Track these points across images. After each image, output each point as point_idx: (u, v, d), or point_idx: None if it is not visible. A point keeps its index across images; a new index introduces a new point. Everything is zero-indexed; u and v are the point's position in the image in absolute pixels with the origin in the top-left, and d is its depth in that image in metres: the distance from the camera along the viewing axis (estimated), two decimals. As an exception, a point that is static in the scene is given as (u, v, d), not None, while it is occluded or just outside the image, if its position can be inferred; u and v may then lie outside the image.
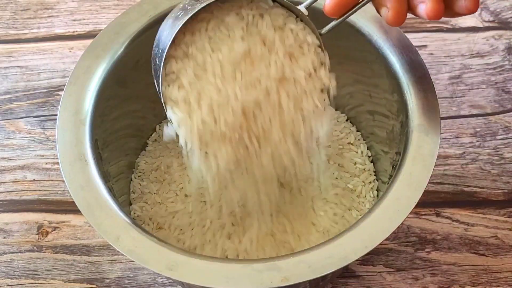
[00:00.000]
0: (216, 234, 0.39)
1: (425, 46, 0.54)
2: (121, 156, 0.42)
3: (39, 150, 0.50)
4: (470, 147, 0.49)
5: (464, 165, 0.48)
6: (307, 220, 0.39)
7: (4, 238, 0.45)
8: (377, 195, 0.42)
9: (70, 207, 0.47)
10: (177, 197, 0.41)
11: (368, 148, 0.44)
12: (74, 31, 0.58)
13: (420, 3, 0.30)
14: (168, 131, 0.33)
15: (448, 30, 0.55)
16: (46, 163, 0.49)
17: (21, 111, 0.52)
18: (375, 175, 0.43)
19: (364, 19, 0.38)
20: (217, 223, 0.39)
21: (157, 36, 0.32)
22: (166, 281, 0.43)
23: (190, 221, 0.40)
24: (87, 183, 0.33)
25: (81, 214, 0.32)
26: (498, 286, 0.42)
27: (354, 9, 0.32)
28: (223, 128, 0.31)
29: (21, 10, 0.60)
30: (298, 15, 0.32)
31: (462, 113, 0.51)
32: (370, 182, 0.42)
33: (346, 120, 0.45)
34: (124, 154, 0.43)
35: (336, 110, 0.46)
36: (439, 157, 0.47)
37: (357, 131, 0.45)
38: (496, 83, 0.52)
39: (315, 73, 0.33)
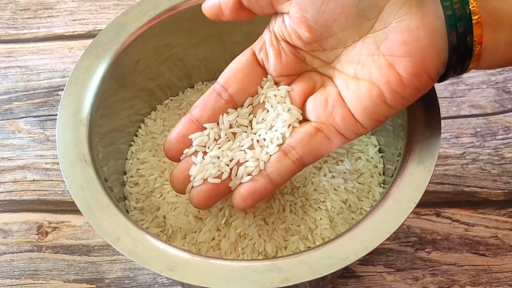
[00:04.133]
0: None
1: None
2: (121, 157, 0.42)
3: (39, 150, 0.50)
4: (470, 147, 0.49)
5: (464, 165, 0.48)
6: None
7: (4, 238, 0.45)
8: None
9: (70, 207, 0.47)
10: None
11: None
12: (74, 31, 0.58)
13: None
14: None
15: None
16: (46, 163, 0.49)
17: (21, 111, 0.52)
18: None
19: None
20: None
21: None
22: (166, 281, 0.43)
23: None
24: (87, 183, 0.33)
25: (81, 214, 0.32)
26: (498, 286, 0.42)
27: None
28: None
29: (21, 10, 0.60)
30: None
31: (462, 113, 0.51)
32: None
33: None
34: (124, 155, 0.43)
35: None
36: (439, 157, 0.47)
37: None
38: (496, 83, 0.52)
39: None
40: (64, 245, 0.45)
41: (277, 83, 0.34)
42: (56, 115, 0.36)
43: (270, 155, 0.33)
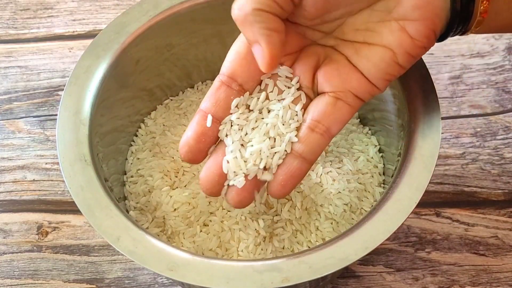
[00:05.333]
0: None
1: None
2: (120, 156, 0.42)
3: (39, 150, 0.50)
4: (470, 147, 0.49)
5: (464, 165, 0.48)
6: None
7: (4, 238, 0.45)
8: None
9: (70, 207, 0.47)
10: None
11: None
12: (74, 31, 0.58)
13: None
14: None
15: (448, 30, 0.55)
16: (46, 163, 0.49)
17: (21, 111, 0.52)
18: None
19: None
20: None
21: None
22: (166, 281, 0.43)
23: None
24: (87, 183, 0.33)
25: (81, 214, 0.32)
26: (498, 286, 0.42)
27: None
28: None
29: (21, 10, 0.60)
30: None
31: (462, 113, 0.51)
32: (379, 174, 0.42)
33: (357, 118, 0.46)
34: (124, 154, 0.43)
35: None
36: (439, 157, 0.47)
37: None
38: (496, 83, 0.52)
39: None
40: (64, 245, 0.45)
41: (280, 63, 0.33)
42: (56, 115, 0.36)
43: (295, 135, 0.32)
